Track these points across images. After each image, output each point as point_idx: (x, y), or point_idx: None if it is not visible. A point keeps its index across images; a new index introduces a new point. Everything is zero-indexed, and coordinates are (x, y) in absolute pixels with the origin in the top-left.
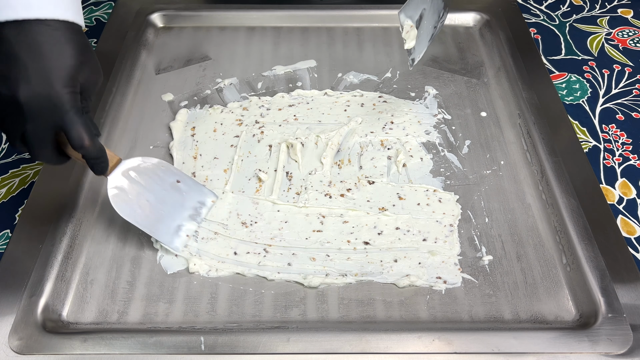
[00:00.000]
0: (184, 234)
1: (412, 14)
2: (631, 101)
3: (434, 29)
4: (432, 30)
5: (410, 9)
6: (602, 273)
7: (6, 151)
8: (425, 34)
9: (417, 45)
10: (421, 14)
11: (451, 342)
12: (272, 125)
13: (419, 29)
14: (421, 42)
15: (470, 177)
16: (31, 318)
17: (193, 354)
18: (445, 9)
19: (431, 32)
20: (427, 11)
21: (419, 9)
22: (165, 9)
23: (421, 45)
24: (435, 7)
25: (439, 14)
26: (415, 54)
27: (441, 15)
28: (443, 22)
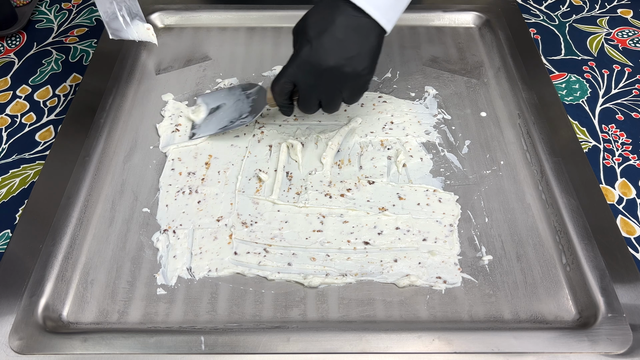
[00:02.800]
0: None
1: (208, 101)
2: (631, 101)
3: (230, 123)
4: (227, 123)
5: (209, 97)
6: (602, 273)
7: (6, 151)
8: (217, 120)
9: (203, 124)
10: (219, 105)
11: (451, 342)
12: (273, 125)
13: (214, 113)
14: (210, 124)
15: (470, 177)
16: (31, 318)
17: (193, 353)
18: (251, 115)
19: (224, 124)
20: (227, 106)
21: (218, 101)
22: (165, 9)
23: (208, 127)
24: (239, 107)
25: (240, 114)
26: (199, 130)
27: (242, 116)
28: (244, 122)
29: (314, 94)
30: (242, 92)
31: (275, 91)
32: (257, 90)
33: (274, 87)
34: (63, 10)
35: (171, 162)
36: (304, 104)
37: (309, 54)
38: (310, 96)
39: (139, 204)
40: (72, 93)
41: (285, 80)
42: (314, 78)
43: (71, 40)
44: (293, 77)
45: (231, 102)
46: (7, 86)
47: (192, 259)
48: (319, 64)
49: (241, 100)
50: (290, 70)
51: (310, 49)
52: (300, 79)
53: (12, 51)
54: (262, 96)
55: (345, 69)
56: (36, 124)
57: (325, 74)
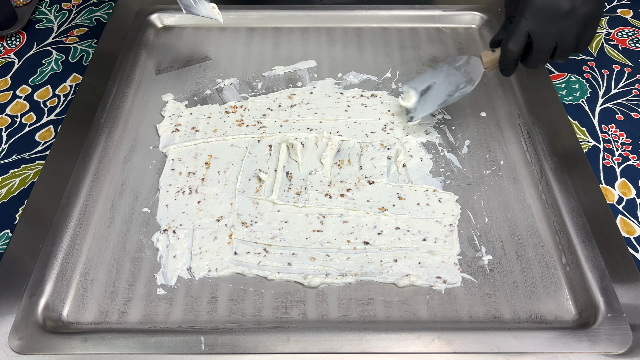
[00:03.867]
0: None
1: (416, 86)
2: (631, 101)
3: (448, 97)
4: (445, 97)
5: (414, 82)
6: (602, 273)
7: (6, 151)
8: (433, 98)
9: (419, 106)
10: (429, 85)
11: (451, 342)
12: (273, 125)
13: (426, 94)
14: (426, 104)
15: (470, 177)
16: (31, 318)
17: (193, 353)
18: (469, 83)
19: (443, 99)
20: (437, 84)
21: (426, 82)
22: (165, 9)
23: (425, 107)
24: (453, 80)
25: (457, 85)
26: (416, 113)
27: (460, 87)
28: (465, 92)
29: (551, 42)
30: (450, 67)
31: (511, 48)
32: (467, 60)
33: (509, 43)
34: (63, 10)
35: (171, 162)
36: (539, 54)
37: (544, 1)
38: (548, 45)
39: (139, 204)
40: (72, 93)
41: (523, 33)
42: (552, 25)
43: (71, 40)
44: (529, 28)
45: (441, 79)
46: (7, 86)
47: (192, 259)
48: (558, 8)
49: (452, 75)
50: (524, 22)
51: None
52: (537, 28)
53: (12, 51)
54: (476, 63)
55: (583, 8)
56: (36, 124)
57: (565, 17)
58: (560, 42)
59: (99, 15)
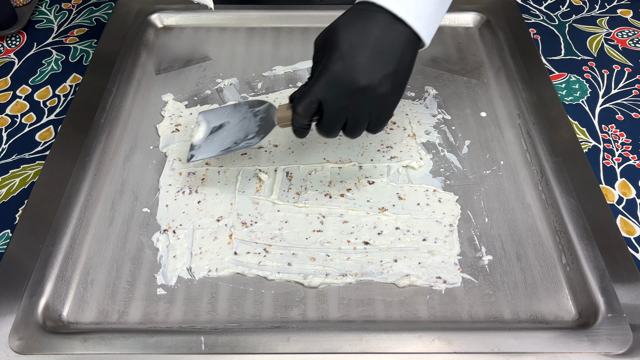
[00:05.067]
0: None
1: (209, 119)
2: (631, 101)
3: (234, 144)
4: (230, 144)
5: (212, 114)
6: (602, 273)
7: (6, 151)
8: (219, 141)
9: (204, 144)
10: (222, 124)
11: (451, 342)
12: None
13: (216, 132)
14: (211, 145)
15: (470, 177)
16: (31, 318)
17: (193, 353)
18: (258, 136)
19: (227, 145)
20: (231, 125)
21: (221, 119)
22: (165, 9)
23: (208, 148)
24: (245, 126)
25: (246, 134)
26: (198, 152)
27: (248, 137)
28: (250, 144)
29: (342, 116)
30: (249, 109)
31: (299, 112)
32: (266, 108)
33: (298, 107)
34: (63, 11)
35: (171, 162)
36: (327, 126)
37: (342, 71)
38: (337, 118)
39: (139, 204)
40: (72, 93)
41: (312, 100)
42: (345, 98)
43: (71, 40)
44: (321, 96)
45: (236, 121)
46: (7, 86)
47: (192, 259)
48: (353, 82)
49: (248, 119)
50: (317, 89)
51: (344, 65)
52: (329, 99)
53: (12, 51)
54: (272, 115)
55: (380, 89)
56: (36, 124)
57: (358, 93)
58: (351, 119)
59: (99, 15)
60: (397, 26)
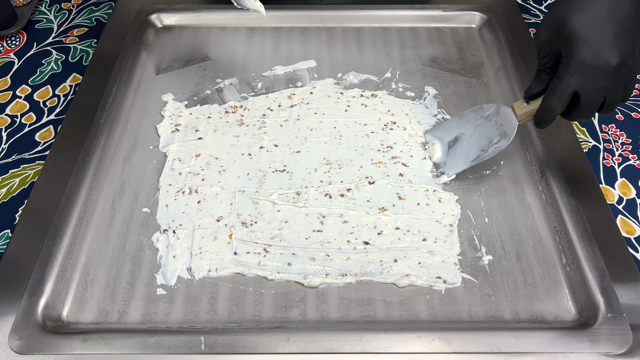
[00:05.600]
0: None
1: (441, 136)
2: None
3: (482, 152)
4: (479, 152)
5: (439, 131)
6: (602, 273)
7: (6, 151)
8: (464, 153)
9: (449, 160)
10: (457, 136)
11: (451, 342)
12: (273, 125)
13: (455, 146)
14: (456, 159)
15: (470, 177)
16: (31, 318)
17: (193, 353)
18: (503, 137)
19: (476, 154)
20: (466, 135)
21: (453, 133)
22: (165, 9)
23: (456, 162)
24: (483, 132)
25: (490, 139)
26: (446, 168)
27: (494, 142)
28: (500, 148)
29: (600, 99)
30: (477, 116)
31: (555, 106)
32: (497, 110)
33: (552, 100)
34: (63, 10)
35: (171, 162)
36: (586, 111)
37: (592, 56)
38: (596, 102)
39: (139, 204)
40: (72, 93)
41: (568, 92)
42: (602, 81)
43: (71, 40)
44: (577, 86)
45: (470, 130)
46: (7, 86)
47: (192, 259)
48: (606, 64)
49: (482, 125)
50: (571, 80)
51: (592, 50)
52: (587, 86)
53: (12, 51)
54: (506, 114)
55: (630, 61)
56: (36, 124)
57: (614, 72)
58: (609, 97)
59: (99, 15)
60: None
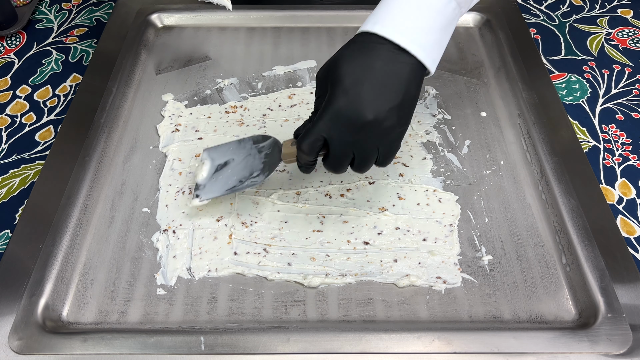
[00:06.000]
0: None
1: (214, 156)
2: (631, 101)
3: (239, 183)
4: (236, 183)
5: (216, 151)
6: (602, 273)
7: (6, 151)
8: (224, 179)
9: (209, 184)
10: (227, 161)
11: (451, 342)
12: (273, 125)
13: (221, 171)
14: (216, 184)
15: (470, 177)
16: (31, 318)
17: (193, 354)
18: (263, 174)
19: (233, 184)
20: (235, 162)
21: (226, 156)
22: (165, 9)
23: (213, 187)
24: (250, 163)
25: (251, 172)
26: (203, 192)
27: (253, 175)
28: (255, 183)
29: (348, 152)
30: (254, 145)
31: (304, 150)
32: (271, 144)
33: (303, 145)
34: (63, 10)
35: (171, 162)
36: (335, 163)
37: (347, 106)
38: (344, 155)
39: (139, 204)
40: (72, 93)
41: (317, 137)
42: (351, 134)
43: (71, 40)
44: (326, 133)
45: (240, 158)
46: (7, 86)
47: (192, 259)
48: (359, 117)
49: (252, 155)
50: (322, 126)
51: (348, 100)
52: (335, 136)
53: (12, 51)
54: (277, 151)
55: (387, 122)
56: (36, 124)
57: (365, 128)
58: (358, 154)
59: (99, 15)
60: (401, 57)
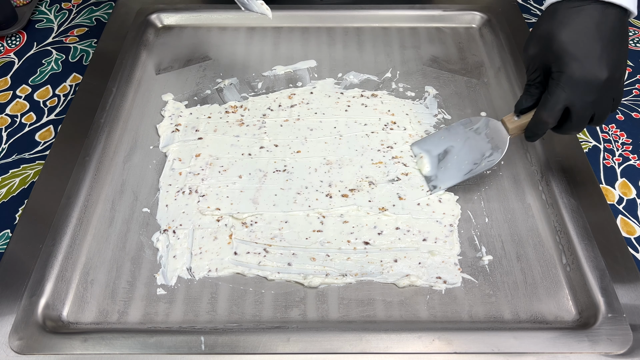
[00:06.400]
0: None
1: (429, 148)
2: (631, 101)
3: (474, 165)
4: (471, 166)
5: (427, 143)
6: (602, 273)
7: (6, 151)
8: (455, 166)
9: (440, 173)
10: (446, 149)
11: (451, 342)
12: (273, 125)
13: (445, 159)
14: (448, 172)
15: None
16: (31, 318)
17: (193, 354)
18: (495, 151)
19: (469, 168)
20: (456, 148)
21: (442, 145)
22: (165, 9)
23: (448, 175)
24: (474, 145)
25: (482, 153)
26: (438, 182)
27: (486, 155)
28: (493, 162)
29: (590, 112)
30: (466, 129)
31: (547, 120)
32: (486, 123)
33: (544, 114)
34: (63, 10)
35: (171, 162)
36: (578, 124)
37: (582, 71)
38: (586, 115)
39: (139, 204)
40: (72, 93)
41: (560, 106)
42: (592, 95)
43: (71, 40)
44: (568, 101)
45: (460, 143)
46: (7, 86)
47: (192, 259)
48: (596, 78)
49: (472, 138)
50: (562, 94)
51: (581, 65)
52: (577, 100)
53: (12, 51)
54: (496, 127)
55: (617, 74)
56: (36, 124)
57: (603, 86)
58: (598, 111)
59: (99, 15)
60: (609, 10)
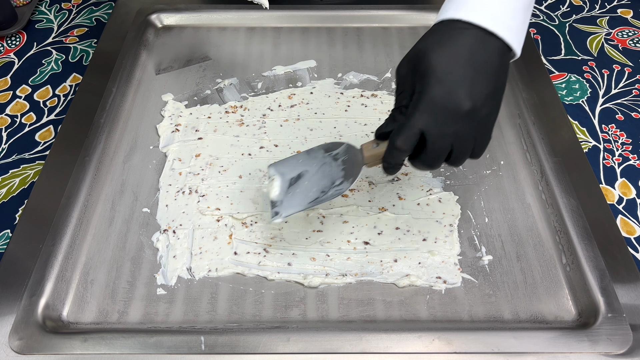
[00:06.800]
0: None
1: (284, 171)
2: (631, 101)
3: (321, 194)
4: (318, 194)
5: (284, 166)
6: (602, 273)
7: (6, 151)
8: (303, 193)
9: (286, 199)
10: (300, 173)
11: (451, 342)
12: (273, 125)
13: (295, 185)
14: (294, 198)
15: (470, 177)
16: (31, 318)
17: (193, 353)
18: (347, 180)
19: (314, 196)
20: (310, 173)
21: (297, 170)
22: (165, 9)
23: (292, 202)
24: (327, 172)
25: (333, 180)
26: (282, 208)
27: (336, 184)
28: (340, 191)
29: (447, 145)
30: (326, 154)
31: (400, 146)
32: (345, 150)
33: (398, 141)
34: (63, 10)
35: (171, 162)
36: (433, 157)
37: (444, 96)
38: (443, 147)
39: (139, 204)
40: (72, 93)
41: (414, 131)
42: (451, 125)
43: (71, 40)
44: (423, 126)
45: (315, 168)
46: (7, 86)
47: (192, 259)
48: (458, 106)
49: (328, 164)
50: (419, 118)
51: (445, 90)
52: (433, 128)
53: (12, 51)
54: (356, 155)
55: (484, 109)
56: (36, 124)
57: (464, 118)
58: (457, 146)
59: (99, 15)
60: (489, 41)
